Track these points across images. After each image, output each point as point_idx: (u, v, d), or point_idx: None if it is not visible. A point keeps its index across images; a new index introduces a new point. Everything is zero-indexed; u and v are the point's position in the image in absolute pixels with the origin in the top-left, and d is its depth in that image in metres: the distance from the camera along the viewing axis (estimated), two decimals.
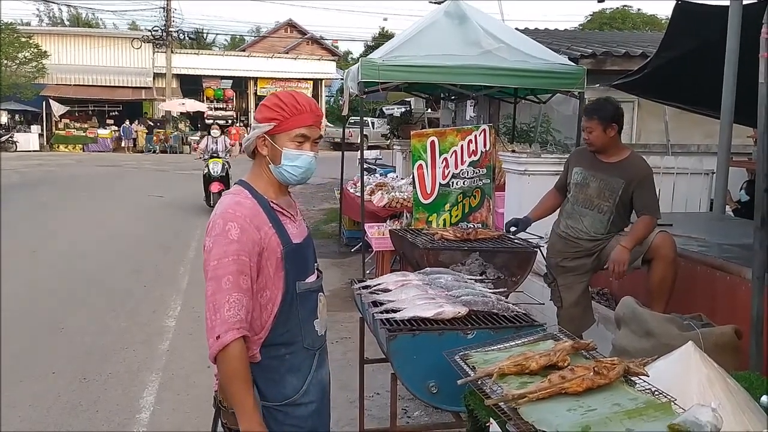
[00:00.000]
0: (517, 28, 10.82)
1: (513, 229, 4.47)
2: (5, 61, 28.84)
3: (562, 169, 4.55)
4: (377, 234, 7.05)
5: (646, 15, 36.21)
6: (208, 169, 12.99)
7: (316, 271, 2.25)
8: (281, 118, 2.09)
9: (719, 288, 3.93)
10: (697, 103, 7.14)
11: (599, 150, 4.18)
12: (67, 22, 45.42)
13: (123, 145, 31.98)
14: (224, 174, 12.96)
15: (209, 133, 13.97)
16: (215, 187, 12.65)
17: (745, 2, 5.30)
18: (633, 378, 1.98)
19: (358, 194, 7.80)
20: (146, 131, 32.62)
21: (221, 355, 1.95)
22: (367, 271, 7.49)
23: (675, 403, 1.80)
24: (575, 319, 4.28)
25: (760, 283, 3.07)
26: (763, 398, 2.04)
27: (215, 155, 13.19)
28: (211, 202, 12.54)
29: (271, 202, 2.12)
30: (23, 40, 29.86)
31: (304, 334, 2.15)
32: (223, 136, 13.87)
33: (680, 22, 6.02)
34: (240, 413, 1.99)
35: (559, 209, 4.51)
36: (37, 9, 60.25)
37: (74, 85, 32.14)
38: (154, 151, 31.19)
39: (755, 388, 2.28)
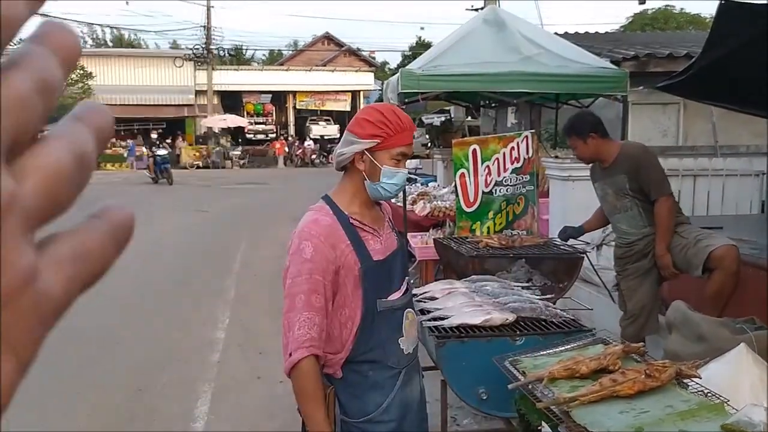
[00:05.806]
0: (556, 33, 10.79)
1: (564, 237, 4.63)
2: None
3: None
4: (420, 243, 7.09)
5: (690, 14, 35.53)
6: None
7: (404, 286, 2.21)
8: (385, 135, 2.03)
9: None
10: (744, 102, 6.98)
11: (591, 161, 4.31)
12: (110, 44, 46.68)
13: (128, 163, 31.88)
14: None
15: None
16: None
17: None
18: (685, 380, 1.98)
19: (401, 204, 7.86)
20: (144, 148, 31.44)
21: (293, 372, 1.98)
22: (411, 281, 7.51)
23: (728, 404, 1.79)
24: (637, 323, 4.28)
25: None
26: None
27: None
28: None
29: (351, 218, 2.07)
30: None
31: (387, 353, 2.11)
32: None
33: (725, 21, 5.91)
34: (310, 428, 2.01)
35: None
36: (81, 31, 61.91)
37: (119, 104, 33.02)
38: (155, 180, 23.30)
39: None
